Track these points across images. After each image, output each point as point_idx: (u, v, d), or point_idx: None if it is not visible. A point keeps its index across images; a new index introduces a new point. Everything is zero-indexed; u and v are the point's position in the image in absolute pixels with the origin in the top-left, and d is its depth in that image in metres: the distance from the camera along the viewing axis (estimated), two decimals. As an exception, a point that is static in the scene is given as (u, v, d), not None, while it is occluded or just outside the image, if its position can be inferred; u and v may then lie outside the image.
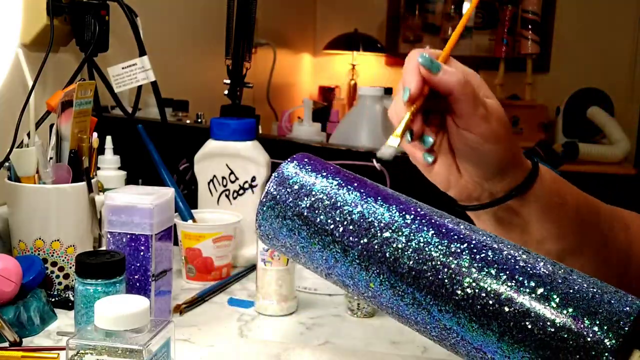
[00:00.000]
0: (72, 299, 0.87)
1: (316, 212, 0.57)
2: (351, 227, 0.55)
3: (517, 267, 0.50)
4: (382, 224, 0.55)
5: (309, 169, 0.60)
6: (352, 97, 3.20)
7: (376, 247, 0.54)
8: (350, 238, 0.55)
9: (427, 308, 0.51)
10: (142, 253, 0.80)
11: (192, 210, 1.07)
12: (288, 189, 0.59)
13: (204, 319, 0.88)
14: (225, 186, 1.11)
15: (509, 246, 0.53)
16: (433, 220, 0.55)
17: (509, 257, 0.51)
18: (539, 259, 0.51)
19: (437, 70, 0.57)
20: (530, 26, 3.26)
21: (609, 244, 0.65)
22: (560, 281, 0.49)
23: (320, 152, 1.24)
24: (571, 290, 0.48)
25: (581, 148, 2.51)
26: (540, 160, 0.64)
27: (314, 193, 0.58)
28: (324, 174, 0.60)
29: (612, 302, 0.47)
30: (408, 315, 0.53)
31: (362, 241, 0.55)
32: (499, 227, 0.64)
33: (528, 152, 0.63)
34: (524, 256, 0.51)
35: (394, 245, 0.53)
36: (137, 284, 0.80)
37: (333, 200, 0.57)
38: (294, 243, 0.58)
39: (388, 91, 1.72)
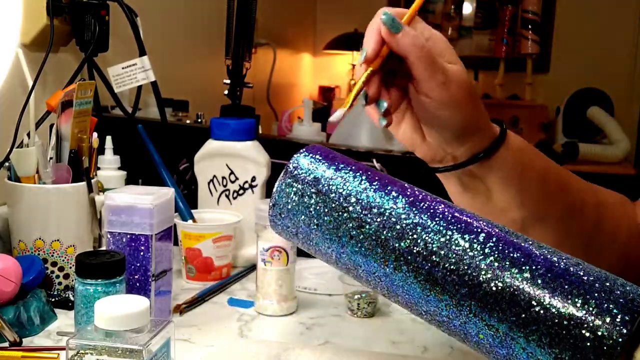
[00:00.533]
0: (72, 299, 0.87)
1: (335, 189, 0.58)
2: (369, 204, 0.56)
3: (533, 255, 0.51)
4: (399, 205, 0.55)
5: (330, 156, 0.61)
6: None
7: (393, 223, 0.54)
8: (369, 215, 0.56)
9: (441, 284, 0.52)
10: (142, 253, 0.80)
11: (192, 210, 1.07)
12: (308, 168, 0.60)
13: (204, 319, 0.88)
14: (225, 186, 1.11)
15: (519, 235, 0.54)
16: (449, 206, 0.56)
17: (525, 242, 0.52)
18: (553, 251, 0.52)
19: (397, 30, 0.56)
20: (530, 26, 3.26)
21: (575, 216, 0.66)
22: (574, 263, 0.50)
23: (320, 152, 1.24)
24: (584, 273, 0.49)
25: (581, 148, 2.51)
26: None
27: (333, 174, 0.59)
28: (345, 160, 0.61)
29: (626, 286, 0.48)
30: (419, 295, 0.53)
31: (378, 219, 0.55)
32: (464, 192, 0.65)
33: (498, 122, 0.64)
34: (536, 244, 0.53)
35: (412, 223, 0.54)
36: (137, 284, 0.80)
37: (353, 182, 0.58)
38: (309, 220, 0.58)
39: (388, 91, 1.72)
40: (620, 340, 0.45)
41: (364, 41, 0.58)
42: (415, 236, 0.53)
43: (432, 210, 0.55)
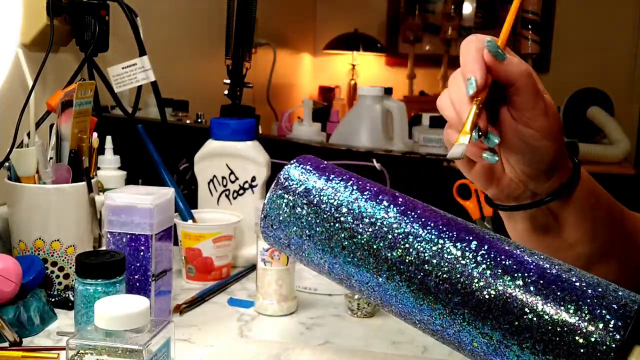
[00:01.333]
0: (72, 299, 0.87)
1: (326, 200, 0.58)
2: (361, 215, 0.56)
3: (525, 262, 0.51)
4: (391, 215, 0.55)
5: (320, 167, 0.61)
6: (352, 97, 3.20)
7: (385, 233, 0.54)
8: (360, 225, 0.55)
9: (434, 293, 0.52)
10: (142, 253, 0.80)
11: (192, 210, 1.07)
12: (299, 179, 0.60)
13: (204, 319, 0.88)
14: (225, 186, 1.11)
15: (510, 242, 0.54)
16: (440, 215, 0.55)
17: (516, 250, 0.52)
18: (545, 258, 0.52)
19: (503, 58, 0.53)
20: (530, 26, 3.26)
21: (633, 247, 0.63)
22: (566, 269, 0.50)
23: (320, 152, 1.24)
24: (576, 279, 0.49)
25: (581, 148, 2.50)
26: None
27: (325, 185, 0.59)
28: (335, 171, 0.60)
29: (618, 291, 0.48)
30: (412, 304, 0.53)
31: (370, 229, 0.55)
32: (533, 229, 0.61)
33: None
34: (528, 251, 0.52)
35: (403, 233, 0.54)
36: (137, 284, 0.80)
37: (344, 192, 0.58)
38: (301, 232, 0.58)
39: (388, 91, 1.72)
40: (613, 346, 0.45)
41: (465, 69, 0.54)
42: (407, 245, 0.53)
43: (423, 219, 0.54)
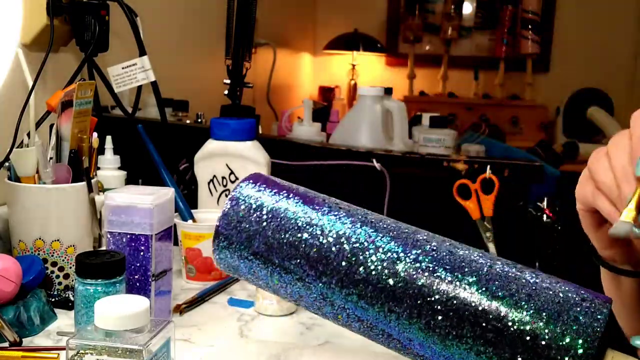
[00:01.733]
0: (72, 299, 0.87)
1: (271, 250, 0.56)
2: (308, 264, 0.54)
3: (483, 278, 0.50)
4: (340, 256, 0.53)
5: (258, 196, 0.58)
6: (352, 97, 3.21)
7: (337, 282, 0.53)
8: (311, 275, 0.54)
9: (398, 339, 0.52)
10: (142, 253, 0.80)
11: (192, 210, 1.06)
12: (238, 227, 0.57)
13: (204, 319, 0.88)
14: (225, 186, 1.11)
15: (474, 254, 0.52)
16: (392, 236, 0.54)
17: (474, 266, 0.51)
18: (504, 266, 0.51)
19: None
20: (530, 26, 3.26)
21: None
22: (526, 297, 0.48)
23: (320, 152, 1.24)
24: (537, 307, 0.48)
25: (581, 148, 2.51)
26: (541, 160, 0.63)
27: (265, 229, 0.56)
28: (272, 200, 0.57)
29: (580, 318, 0.47)
30: (382, 342, 0.54)
31: (322, 278, 0.54)
32: None
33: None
34: (489, 265, 0.51)
35: (356, 277, 0.52)
36: (137, 284, 0.80)
37: (286, 234, 0.55)
38: (257, 280, 0.58)
39: (388, 91, 1.72)
40: None
41: (638, 150, 0.54)
42: (360, 299, 0.52)
43: (373, 260, 0.53)
